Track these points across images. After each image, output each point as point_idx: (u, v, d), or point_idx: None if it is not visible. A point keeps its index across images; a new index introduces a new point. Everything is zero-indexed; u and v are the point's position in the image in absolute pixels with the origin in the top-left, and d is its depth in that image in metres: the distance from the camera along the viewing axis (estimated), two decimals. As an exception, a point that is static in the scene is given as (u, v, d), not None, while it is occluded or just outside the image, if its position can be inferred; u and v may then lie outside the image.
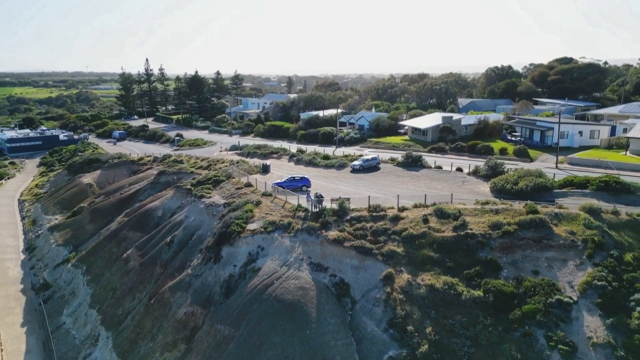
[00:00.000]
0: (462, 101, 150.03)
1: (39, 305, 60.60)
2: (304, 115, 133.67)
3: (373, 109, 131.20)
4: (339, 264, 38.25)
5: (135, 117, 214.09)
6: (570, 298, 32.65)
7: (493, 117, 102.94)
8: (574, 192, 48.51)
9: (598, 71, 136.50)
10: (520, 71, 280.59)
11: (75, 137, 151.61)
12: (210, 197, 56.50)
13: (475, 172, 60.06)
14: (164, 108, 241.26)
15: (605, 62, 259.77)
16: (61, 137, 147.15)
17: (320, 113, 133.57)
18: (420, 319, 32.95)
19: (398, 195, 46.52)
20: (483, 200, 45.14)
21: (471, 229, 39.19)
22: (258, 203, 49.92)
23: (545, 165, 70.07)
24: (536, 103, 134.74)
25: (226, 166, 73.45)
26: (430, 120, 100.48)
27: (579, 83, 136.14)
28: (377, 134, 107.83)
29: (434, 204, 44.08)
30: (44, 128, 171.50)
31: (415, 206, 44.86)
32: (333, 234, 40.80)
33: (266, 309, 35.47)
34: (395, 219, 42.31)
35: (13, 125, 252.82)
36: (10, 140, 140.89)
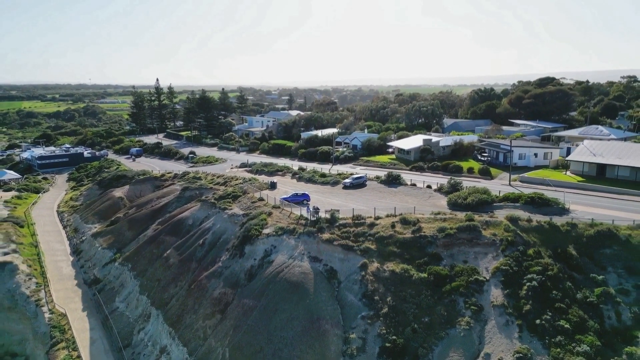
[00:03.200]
0: (447, 121, 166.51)
1: (93, 295, 76.09)
2: (304, 135, 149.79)
3: (365, 130, 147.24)
4: (330, 257, 53.86)
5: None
6: (485, 278, 48.18)
7: (468, 138, 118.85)
8: (508, 205, 64.20)
9: (566, 95, 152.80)
10: (509, 88, 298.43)
11: (97, 154, 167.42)
12: (231, 209, 72.27)
13: (440, 189, 75.77)
14: (172, 124, 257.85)
15: (587, 81, 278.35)
16: (85, 154, 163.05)
17: (319, 133, 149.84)
18: (384, 292, 48.49)
19: (375, 208, 62.32)
20: (437, 211, 60.87)
21: (424, 232, 54.85)
22: (270, 213, 65.67)
23: (502, 182, 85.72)
24: (512, 124, 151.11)
25: (241, 183, 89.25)
26: (413, 141, 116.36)
27: (550, 106, 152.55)
28: (368, 153, 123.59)
29: (401, 214, 59.82)
30: (68, 145, 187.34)
31: (387, 216, 60.55)
32: (326, 235, 56.48)
33: (278, 287, 51.04)
34: (372, 225, 57.97)
35: (30, 141, 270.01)
36: (41, 157, 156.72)
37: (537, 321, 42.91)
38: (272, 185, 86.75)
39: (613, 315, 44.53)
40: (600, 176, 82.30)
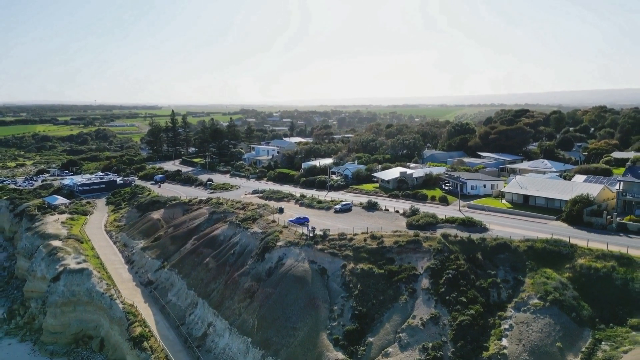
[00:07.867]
0: (426, 152, 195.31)
1: (149, 292, 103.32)
2: (305, 165, 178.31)
3: (356, 161, 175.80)
4: (322, 260, 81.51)
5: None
6: (419, 272, 75.60)
7: (437, 170, 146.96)
8: (447, 225, 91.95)
9: (524, 132, 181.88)
10: (493, 117, 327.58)
11: (127, 180, 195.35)
12: (252, 229, 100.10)
13: (404, 213, 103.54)
14: (184, 150, 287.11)
15: (559, 111, 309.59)
16: (118, 181, 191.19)
17: (317, 163, 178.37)
18: (356, 282, 76.04)
19: (354, 227, 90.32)
20: (396, 230, 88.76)
21: (385, 244, 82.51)
22: (281, 231, 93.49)
23: (454, 208, 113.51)
24: (479, 156, 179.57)
25: (256, 208, 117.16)
26: (392, 173, 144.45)
27: (512, 140, 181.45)
28: (357, 182, 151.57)
29: (371, 232, 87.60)
30: (101, 173, 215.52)
31: (362, 233, 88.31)
32: (319, 246, 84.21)
33: (288, 280, 78.59)
34: (351, 239, 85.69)
35: (55, 166, 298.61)
36: (82, 184, 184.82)
37: (447, 297, 70.30)
38: (281, 210, 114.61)
39: (496, 295, 71.84)
40: (525, 204, 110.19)
